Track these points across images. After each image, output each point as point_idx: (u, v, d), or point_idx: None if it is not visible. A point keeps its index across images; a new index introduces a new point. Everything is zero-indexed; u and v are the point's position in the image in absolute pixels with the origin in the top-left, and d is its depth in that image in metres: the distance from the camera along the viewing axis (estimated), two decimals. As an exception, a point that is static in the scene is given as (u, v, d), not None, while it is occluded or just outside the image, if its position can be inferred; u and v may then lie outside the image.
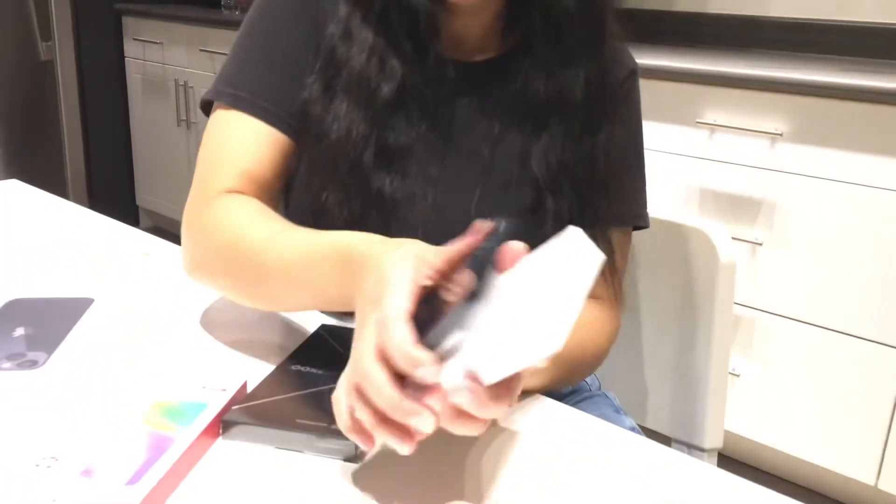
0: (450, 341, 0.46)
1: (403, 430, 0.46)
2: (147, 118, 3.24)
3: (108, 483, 0.47)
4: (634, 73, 0.81)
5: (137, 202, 3.41)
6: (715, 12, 2.32)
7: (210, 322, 0.74)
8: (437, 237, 0.56)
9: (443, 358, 0.46)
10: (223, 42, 2.78)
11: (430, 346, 0.46)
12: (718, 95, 1.77)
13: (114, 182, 3.34)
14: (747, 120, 1.73)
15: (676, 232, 0.91)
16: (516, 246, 0.47)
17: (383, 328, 0.46)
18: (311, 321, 0.75)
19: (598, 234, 0.75)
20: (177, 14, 2.98)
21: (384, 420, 0.46)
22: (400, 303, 0.46)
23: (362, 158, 0.71)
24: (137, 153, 3.34)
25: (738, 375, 1.83)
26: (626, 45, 0.81)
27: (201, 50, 2.88)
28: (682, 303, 0.91)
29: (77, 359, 0.65)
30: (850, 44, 2.10)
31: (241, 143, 0.72)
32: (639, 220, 0.81)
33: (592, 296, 0.77)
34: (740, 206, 1.78)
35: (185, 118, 3.03)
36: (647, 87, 1.59)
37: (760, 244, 1.75)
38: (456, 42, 0.75)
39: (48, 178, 3.27)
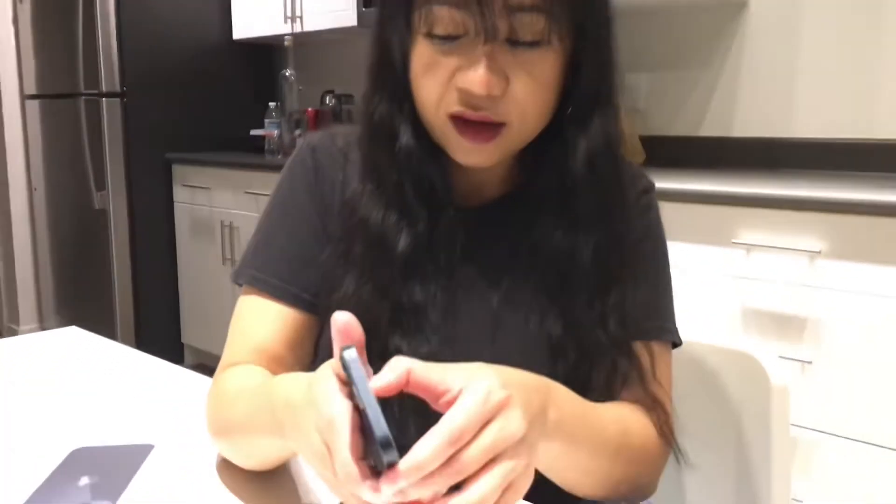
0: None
1: None
2: (193, 258, 3.36)
3: None
4: (647, 190, 0.82)
5: (182, 339, 3.48)
6: (739, 136, 2.39)
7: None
8: None
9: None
10: (267, 184, 2.92)
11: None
12: (752, 216, 1.79)
13: (160, 321, 3.43)
14: (783, 238, 1.75)
15: (724, 357, 0.90)
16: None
17: (330, 429, 0.49)
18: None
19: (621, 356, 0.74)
20: (224, 160, 3.15)
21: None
22: (341, 407, 0.49)
23: (379, 323, 0.73)
24: (183, 292, 3.44)
25: (800, 501, 1.75)
26: (639, 167, 0.83)
27: (246, 192, 3.03)
28: (736, 431, 0.89)
29: (139, 506, 0.66)
30: (873, 160, 2.13)
31: (255, 321, 0.79)
32: (664, 333, 0.79)
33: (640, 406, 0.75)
34: (785, 325, 1.76)
35: (229, 257, 3.13)
36: (679, 210, 1.62)
37: (810, 362, 1.72)
38: (471, 189, 0.78)
39: (97, 318, 3.38)
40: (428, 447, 0.46)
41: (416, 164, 0.73)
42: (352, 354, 0.49)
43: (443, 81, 0.68)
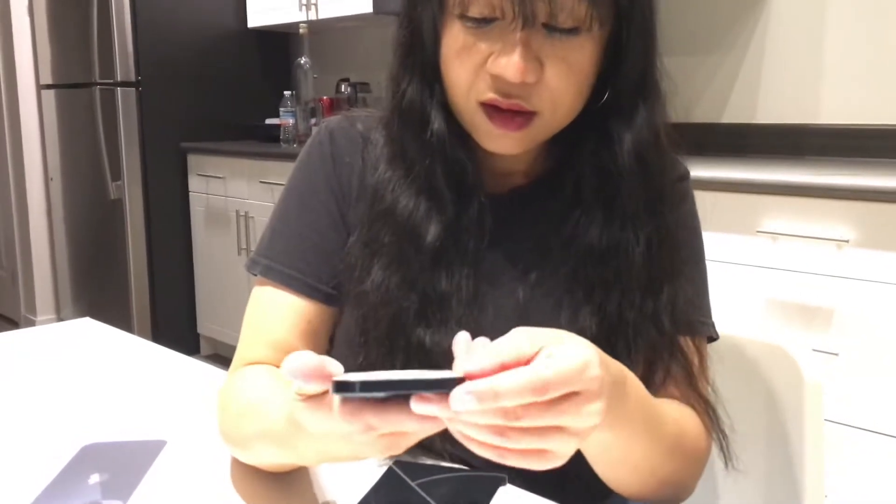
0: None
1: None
2: (209, 247, 3.35)
3: None
4: (683, 178, 0.79)
5: (198, 330, 3.47)
6: (763, 122, 2.34)
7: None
8: None
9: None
10: (282, 173, 2.90)
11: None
12: (777, 204, 1.75)
13: (176, 311, 3.43)
14: (810, 227, 1.70)
15: (755, 350, 0.87)
16: None
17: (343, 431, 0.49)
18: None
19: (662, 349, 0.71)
20: (238, 150, 3.14)
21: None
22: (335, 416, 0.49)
23: (403, 312, 0.71)
24: (199, 282, 3.44)
25: (825, 496, 1.71)
26: (674, 154, 0.79)
27: (261, 182, 3.01)
28: (767, 426, 0.86)
29: (151, 505, 0.64)
30: (906, 146, 2.08)
31: (269, 314, 0.76)
32: (704, 328, 0.76)
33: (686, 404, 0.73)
34: (811, 316, 1.72)
35: (245, 247, 3.12)
36: (703, 198, 1.56)
37: (837, 354, 1.68)
38: (495, 176, 0.75)
39: (114, 307, 3.38)
40: (510, 380, 0.44)
41: (448, 149, 0.70)
42: (350, 377, 0.47)
43: (475, 66, 0.65)
